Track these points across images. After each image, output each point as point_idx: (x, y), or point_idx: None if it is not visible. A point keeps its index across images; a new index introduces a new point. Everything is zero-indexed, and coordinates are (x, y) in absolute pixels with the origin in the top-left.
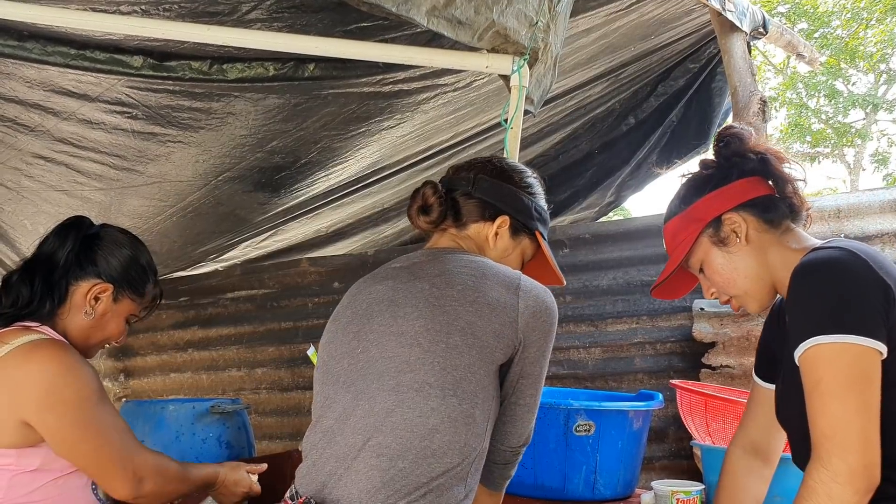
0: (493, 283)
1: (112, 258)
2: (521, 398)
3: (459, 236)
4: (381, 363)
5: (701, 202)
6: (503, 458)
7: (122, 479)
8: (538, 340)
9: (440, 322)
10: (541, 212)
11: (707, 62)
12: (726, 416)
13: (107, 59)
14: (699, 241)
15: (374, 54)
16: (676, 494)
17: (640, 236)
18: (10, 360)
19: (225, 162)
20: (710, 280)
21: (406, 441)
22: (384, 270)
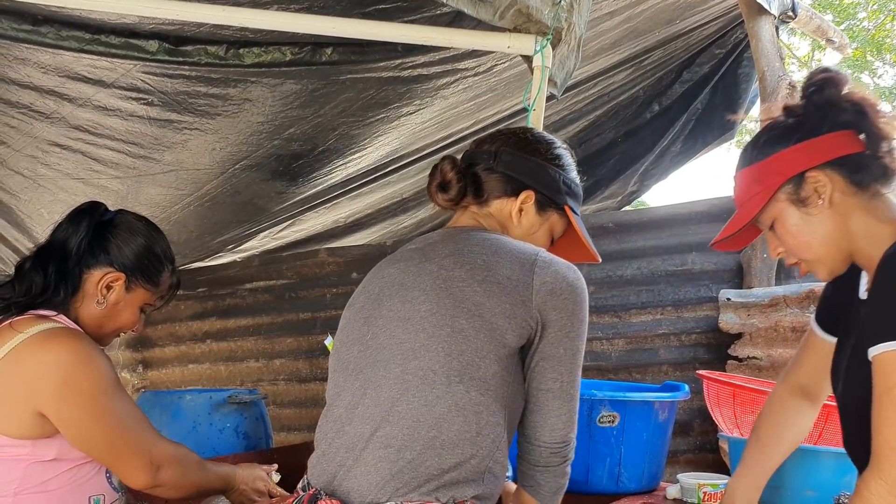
0: (506, 260)
1: (125, 246)
2: (542, 383)
3: (481, 214)
4: (389, 350)
5: (783, 154)
6: (539, 458)
7: (139, 468)
8: (558, 320)
9: (446, 305)
10: (570, 185)
11: (733, 47)
12: (756, 407)
13: (122, 43)
14: (776, 196)
15: (392, 34)
16: (703, 487)
17: (664, 225)
18: (25, 349)
19: (242, 150)
20: (780, 239)
21: (412, 431)
22: (399, 252)
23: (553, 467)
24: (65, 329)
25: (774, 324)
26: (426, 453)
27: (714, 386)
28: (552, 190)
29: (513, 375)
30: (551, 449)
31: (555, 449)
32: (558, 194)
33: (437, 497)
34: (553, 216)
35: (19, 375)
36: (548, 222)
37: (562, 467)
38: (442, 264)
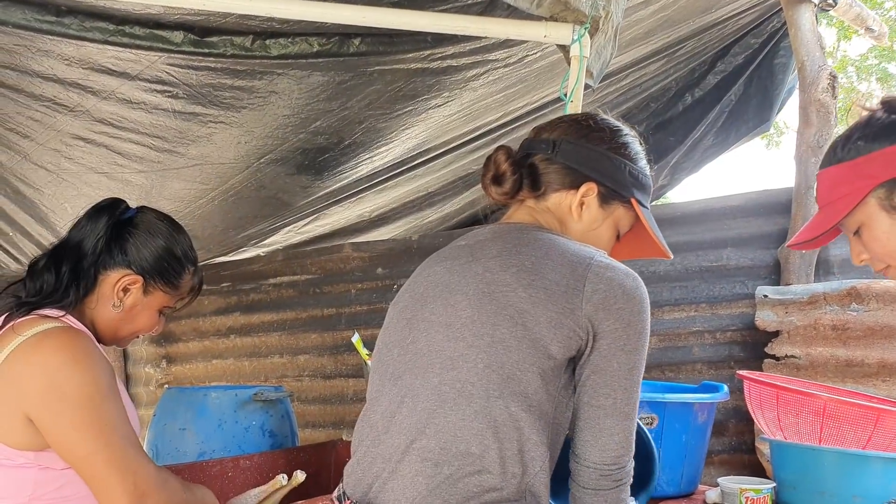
0: (556, 263)
1: (144, 248)
2: (593, 399)
3: (538, 209)
4: (428, 357)
5: (878, 154)
6: (589, 481)
7: (120, 493)
8: (612, 331)
9: (487, 312)
10: (637, 175)
11: (769, 37)
12: (800, 409)
13: (146, 34)
14: (865, 200)
15: (425, 24)
16: (745, 492)
17: (697, 220)
18: (19, 352)
19: (267, 143)
20: (866, 246)
21: (450, 446)
22: (448, 249)
23: (604, 491)
24: (62, 329)
25: (814, 322)
26: (464, 469)
27: (756, 387)
28: (617, 182)
29: (559, 390)
30: (601, 471)
31: (605, 471)
32: (623, 186)
33: None
34: (618, 210)
35: (11, 379)
36: (612, 217)
37: (615, 492)
38: (488, 266)
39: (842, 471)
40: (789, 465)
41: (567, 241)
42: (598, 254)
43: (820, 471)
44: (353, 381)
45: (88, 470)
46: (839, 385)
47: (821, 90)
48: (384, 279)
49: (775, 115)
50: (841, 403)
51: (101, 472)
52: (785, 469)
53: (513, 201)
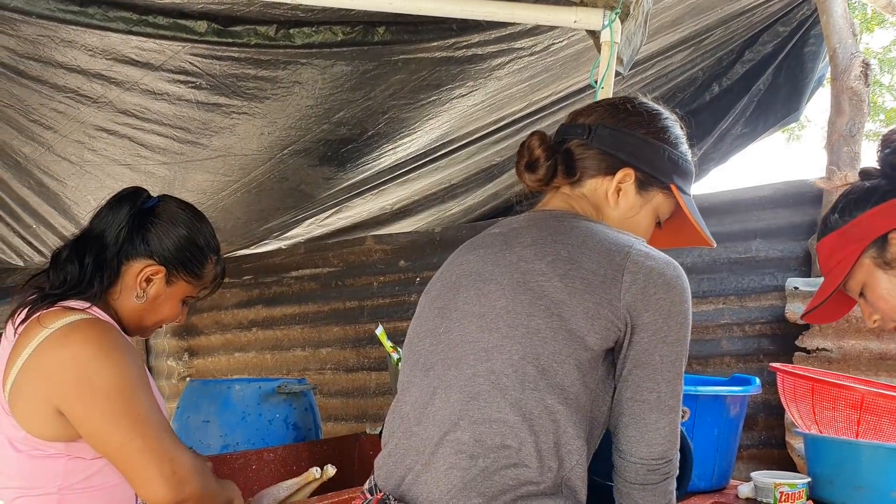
0: (593, 252)
1: (166, 238)
2: (637, 393)
3: (574, 195)
4: (461, 348)
5: (863, 218)
6: (636, 476)
7: (159, 481)
8: (652, 322)
9: (523, 302)
10: (677, 161)
11: (798, 25)
12: (837, 402)
13: (170, 24)
14: (860, 262)
15: (452, 10)
16: (780, 487)
17: (726, 211)
18: (47, 345)
19: (290, 134)
20: (872, 305)
21: (485, 438)
22: (481, 237)
23: (652, 485)
24: (90, 321)
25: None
26: (500, 462)
27: (790, 380)
28: (655, 167)
29: (596, 382)
30: (649, 466)
31: (653, 466)
32: (663, 172)
33: None
34: (657, 196)
35: (40, 372)
36: (650, 203)
37: (662, 485)
38: (522, 255)
39: (880, 466)
40: (825, 459)
41: (605, 228)
42: (637, 242)
43: (857, 465)
44: (376, 374)
45: (124, 460)
46: (872, 378)
47: (853, 78)
48: (406, 272)
49: (805, 104)
50: (879, 396)
51: (137, 460)
52: (820, 463)
53: (548, 188)
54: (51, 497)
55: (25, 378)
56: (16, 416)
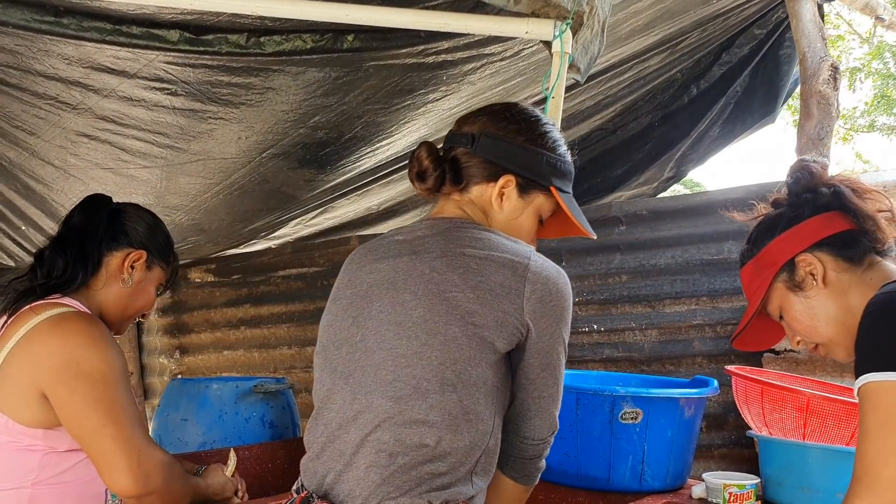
0: (497, 264)
1: (139, 226)
2: (543, 390)
3: (463, 201)
4: (379, 355)
5: (772, 245)
6: (533, 452)
7: (125, 470)
8: (548, 327)
9: (439, 311)
10: (556, 164)
11: (774, 28)
12: (785, 405)
13: (143, 33)
14: (774, 286)
15: (407, 21)
16: (729, 488)
17: (700, 213)
18: (36, 332)
19: (268, 138)
20: (791, 328)
21: (405, 438)
22: (386, 244)
23: (537, 459)
24: (80, 314)
25: None
26: (417, 458)
27: (742, 382)
28: (535, 172)
29: (502, 380)
30: (540, 445)
31: (544, 444)
32: (542, 176)
33: (429, 500)
34: (538, 198)
35: (28, 356)
36: (531, 205)
37: (541, 460)
38: (434, 266)
39: (826, 467)
40: (774, 460)
41: (502, 239)
42: (531, 254)
43: (804, 467)
44: None
45: (96, 445)
46: (837, 381)
47: (821, 82)
48: None
49: (781, 106)
50: (825, 400)
51: (108, 447)
52: (770, 465)
53: (439, 195)
54: (24, 492)
55: (13, 362)
56: None
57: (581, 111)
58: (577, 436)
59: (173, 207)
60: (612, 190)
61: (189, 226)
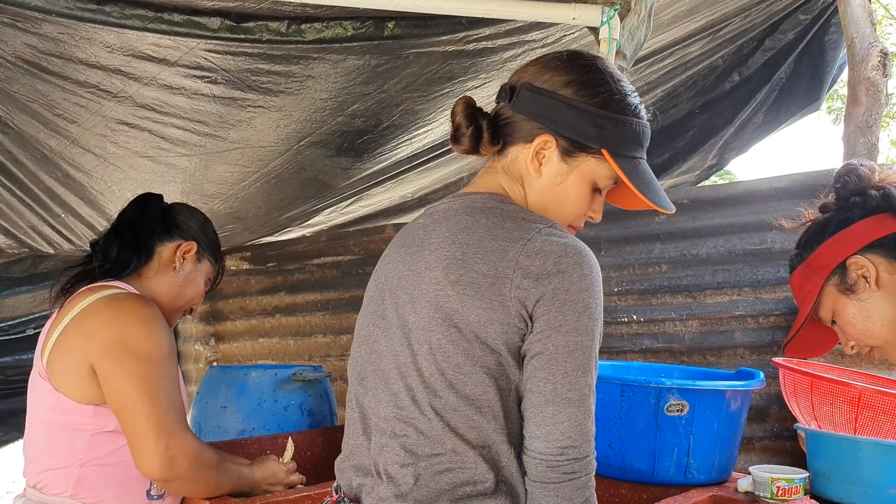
0: (487, 249)
1: (191, 221)
2: (533, 384)
3: (498, 168)
4: (386, 361)
5: (822, 248)
6: (535, 472)
7: (153, 452)
8: (546, 312)
9: (424, 316)
10: (607, 124)
11: (820, 13)
12: (835, 398)
13: (184, 21)
14: (825, 290)
15: (451, 7)
16: (777, 482)
17: (743, 202)
18: (91, 310)
19: (306, 126)
20: (844, 332)
21: (414, 450)
22: (409, 231)
23: (554, 484)
24: (135, 295)
25: None
26: (433, 469)
27: (790, 375)
28: (579, 132)
29: (510, 381)
30: (548, 462)
31: (552, 463)
32: (589, 137)
33: None
34: (587, 162)
35: (81, 331)
36: (578, 170)
37: (566, 486)
38: (427, 261)
39: (877, 462)
40: (824, 454)
41: (515, 213)
42: (541, 228)
43: (855, 461)
44: None
45: (130, 423)
46: (885, 373)
47: (870, 68)
48: None
49: (826, 93)
50: (877, 393)
51: (140, 426)
52: (819, 459)
53: (483, 156)
54: (72, 472)
55: (67, 337)
56: (52, 377)
57: None
58: (621, 428)
59: (211, 196)
60: None
61: (226, 214)
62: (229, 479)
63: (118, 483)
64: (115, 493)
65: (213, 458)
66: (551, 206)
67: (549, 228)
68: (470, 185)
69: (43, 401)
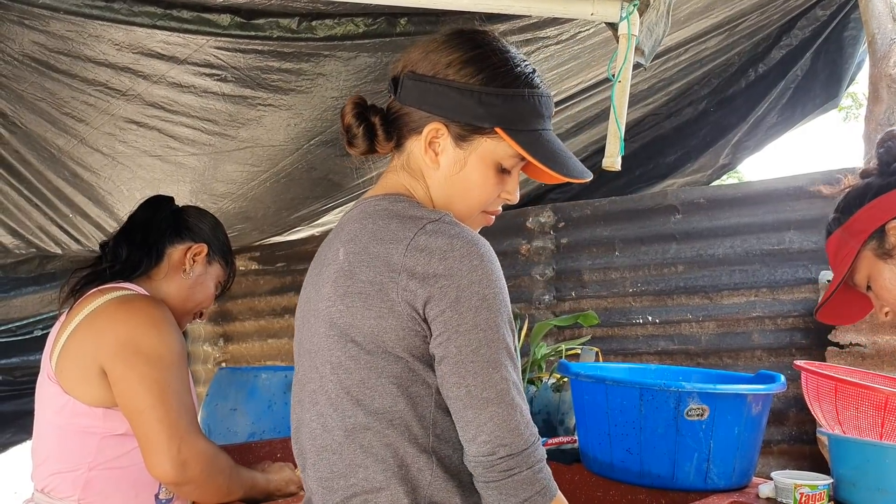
0: (372, 256)
1: (202, 223)
2: (448, 391)
3: (399, 163)
4: (305, 388)
5: (861, 212)
6: (477, 474)
7: (164, 455)
8: (441, 313)
9: (321, 335)
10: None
11: (839, 9)
12: (860, 403)
13: (193, 18)
14: (862, 255)
15: (467, 3)
16: (800, 488)
17: (760, 201)
18: (101, 312)
19: (317, 125)
20: (879, 297)
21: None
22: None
23: (494, 483)
24: (146, 297)
25: None
26: (353, 500)
27: (813, 378)
28: (467, 114)
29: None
30: (483, 464)
31: (486, 463)
32: (478, 118)
33: None
34: (484, 143)
35: (91, 333)
36: (475, 154)
37: (507, 482)
38: (323, 277)
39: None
40: (849, 460)
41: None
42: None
43: (882, 467)
44: None
45: (141, 426)
46: None
47: (892, 64)
48: None
49: (844, 90)
50: None
51: (152, 429)
52: (844, 465)
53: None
54: (80, 475)
55: (77, 340)
56: (61, 380)
57: (633, 95)
58: (640, 432)
59: (220, 195)
60: (664, 177)
61: (235, 213)
62: (242, 485)
63: (127, 487)
64: (124, 496)
65: (226, 463)
66: (456, 196)
67: (434, 224)
68: (371, 189)
69: (52, 404)
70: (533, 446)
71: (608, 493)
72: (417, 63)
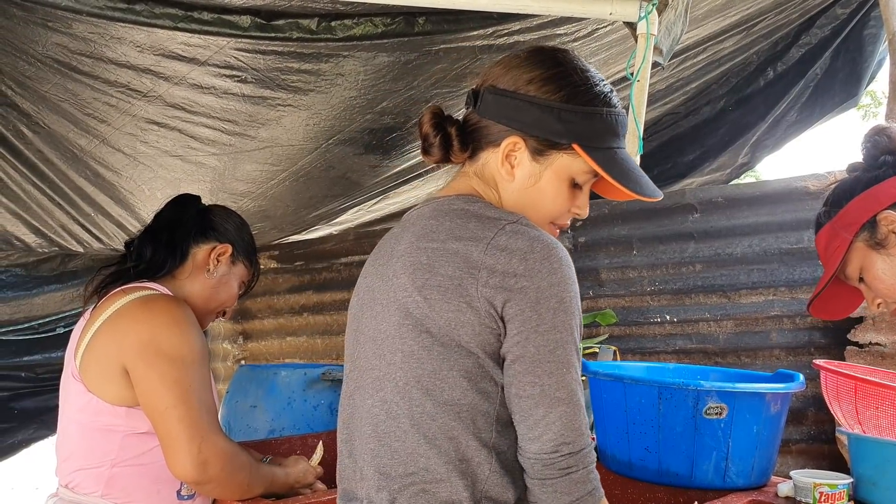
0: (452, 252)
1: (227, 223)
2: (520, 388)
3: (470, 173)
4: (366, 375)
5: (851, 205)
6: (533, 471)
7: (186, 454)
8: (520, 312)
9: (395, 324)
10: (574, 117)
11: (858, 6)
12: (881, 402)
13: (214, 19)
14: (853, 247)
15: (485, 3)
16: (820, 487)
17: (778, 200)
18: (124, 311)
19: (335, 125)
20: (872, 289)
21: (391, 468)
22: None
23: (552, 480)
24: (168, 297)
25: None
26: (412, 488)
27: (833, 378)
28: (546, 129)
29: (492, 383)
30: (543, 461)
31: (547, 461)
32: (557, 133)
33: None
34: (560, 159)
35: (114, 333)
36: (551, 169)
37: (563, 481)
38: (395, 268)
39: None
40: (869, 460)
41: (480, 211)
42: (505, 225)
43: None
44: None
45: (163, 425)
46: None
47: None
48: None
49: (864, 89)
50: None
51: (173, 429)
52: (864, 464)
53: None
54: (103, 472)
55: (100, 339)
56: (85, 379)
57: (651, 94)
58: (658, 431)
59: (240, 194)
60: (682, 176)
61: (255, 212)
62: (262, 481)
63: (149, 483)
64: (146, 493)
65: (246, 461)
66: (528, 207)
67: (513, 225)
68: (441, 190)
69: (75, 401)
70: (589, 447)
71: (626, 492)
72: (499, 78)
